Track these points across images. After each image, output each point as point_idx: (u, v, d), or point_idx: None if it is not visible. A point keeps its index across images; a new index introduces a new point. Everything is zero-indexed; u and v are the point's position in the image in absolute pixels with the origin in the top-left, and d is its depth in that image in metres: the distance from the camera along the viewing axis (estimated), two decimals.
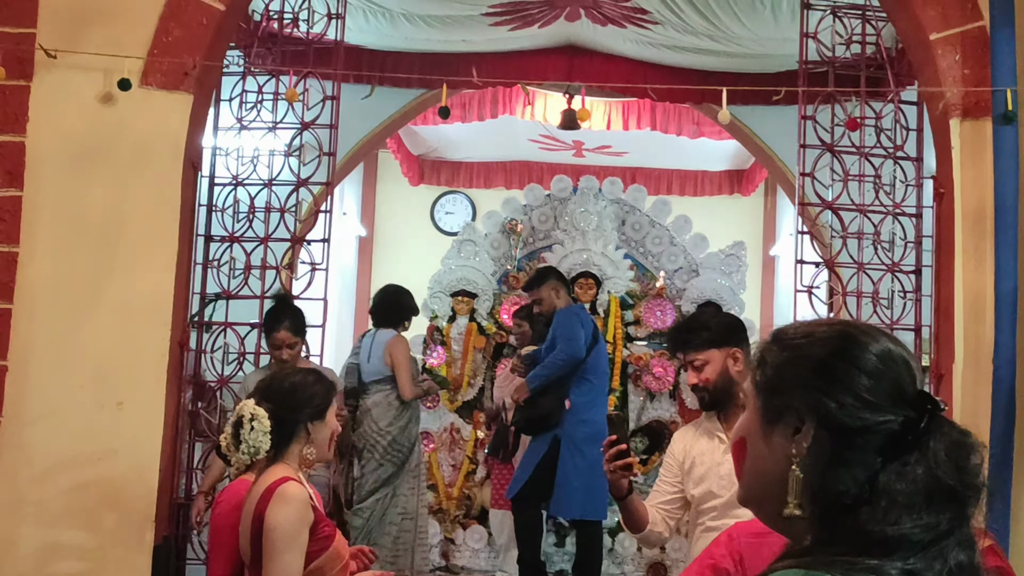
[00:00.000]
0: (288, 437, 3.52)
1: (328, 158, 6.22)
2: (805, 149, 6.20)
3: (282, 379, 3.65)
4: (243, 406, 3.49)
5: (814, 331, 1.54)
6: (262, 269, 6.13)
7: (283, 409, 3.51)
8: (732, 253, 10.25)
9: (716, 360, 3.87)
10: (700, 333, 3.91)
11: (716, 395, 3.88)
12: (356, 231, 14.37)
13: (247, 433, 3.44)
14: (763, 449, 1.52)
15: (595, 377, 7.29)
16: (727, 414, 3.91)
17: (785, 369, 1.52)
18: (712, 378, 3.86)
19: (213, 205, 6.22)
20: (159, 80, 5.69)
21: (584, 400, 7.18)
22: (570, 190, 10.51)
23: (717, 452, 3.88)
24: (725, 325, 4.02)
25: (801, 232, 6.36)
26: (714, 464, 3.87)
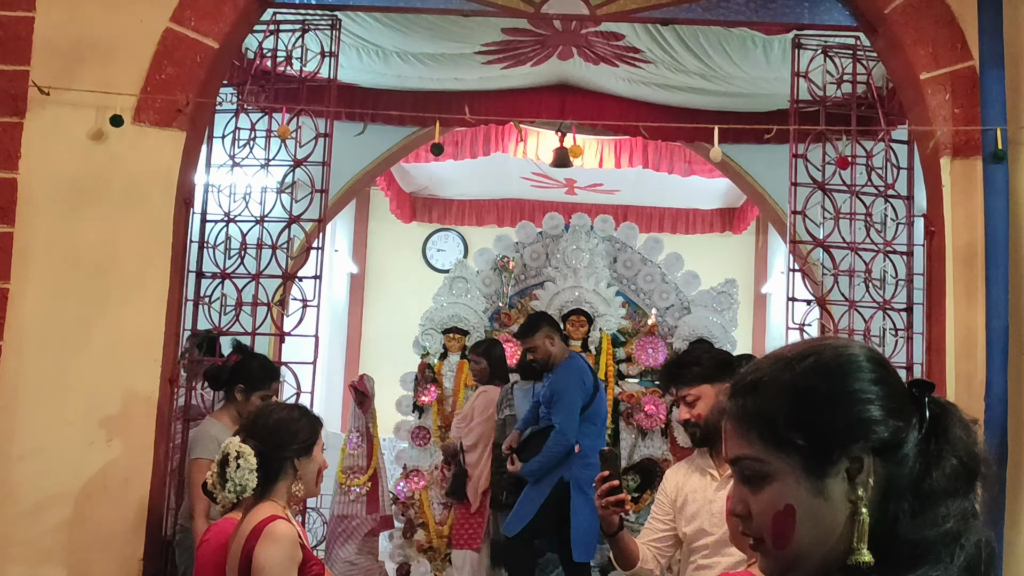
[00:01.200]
0: (275, 474, 3.50)
1: (320, 195, 6.23)
2: (796, 187, 6.23)
3: (267, 415, 3.63)
4: (228, 444, 3.47)
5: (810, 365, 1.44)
6: (253, 305, 6.12)
7: (269, 446, 3.49)
8: (724, 291, 10.27)
9: (708, 396, 3.87)
10: (692, 368, 3.92)
11: (708, 431, 3.87)
12: (348, 268, 14.37)
13: (233, 471, 3.42)
14: (820, 507, 1.40)
15: (599, 420, 7.32)
16: (718, 450, 3.89)
17: (816, 411, 1.41)
18: (704, 413, 3.86)
19: (205, 241, 6.22)
20: (152, 117, 5.70)
21: (590, 444, 7.19)
22: (562, 227, 10.53)
23: (709, 489, 3.87)
24: (717, 361, 4.02)
25: (792, 270, 6.37)
26: (706, 501, 3.86)
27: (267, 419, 3.59)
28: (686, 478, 4.00)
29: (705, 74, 8.46)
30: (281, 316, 6.43)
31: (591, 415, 7.26)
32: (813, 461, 1.39)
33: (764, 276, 14.30)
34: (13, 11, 5.73)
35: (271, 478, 3.49)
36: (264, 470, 3.46)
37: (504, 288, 10.34)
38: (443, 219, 14.76)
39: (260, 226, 6.21)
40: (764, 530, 1.44)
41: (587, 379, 7.33)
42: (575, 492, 7.12)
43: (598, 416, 7.32)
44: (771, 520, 1.42)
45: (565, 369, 7.33)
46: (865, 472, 1.37)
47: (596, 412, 7.31)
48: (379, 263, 14.90)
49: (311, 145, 6.25)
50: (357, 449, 8.13)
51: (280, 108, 6.26)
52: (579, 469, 7.12)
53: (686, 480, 3.99)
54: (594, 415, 7.28)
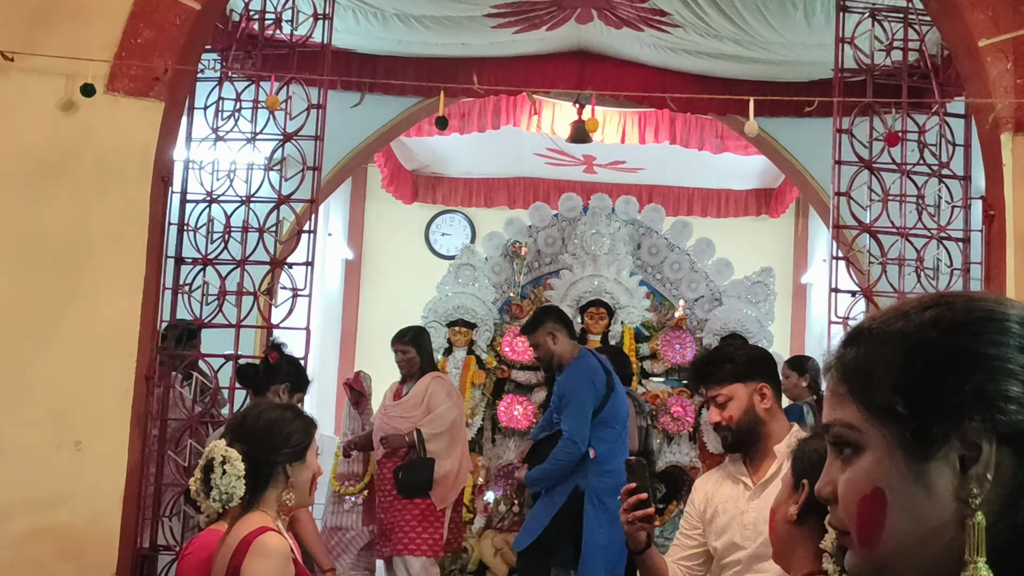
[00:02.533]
0: (265, 481, 3.50)
1: (312, 173, 6.25)
2: (840, 166, 6.23)
3: (256, 416, 3.64)
4: (213, 447, 3.47)
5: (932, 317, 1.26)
6: (238, 295, 6.15)
7: (258, 450, 3.50)
8: (759, 280, 10.27)
9: (740, 396, 3.86)
10: (723, 366, 3.92)
11: (740, 435, 3.87)
12: (342, 254, 14.40)
13: (218, 478, 3.42)
14: (918, 498, 1.22)
15: (617, 423, 7.30)
16: (753, 456, 3.91)
17: (925, 374, 1.22)
18: (736, 416, 3.85)
19: (185, 224, 6.25)
20: (127, 86, 5.73)
21: (606, 448, 7.17)
22: (580, 210, 10.55)
23: (741, 499, 3.87)
24: (751, 357, 4.02)
25: (836, 258, 6.38)
26: (737, 512, 3.86)
27: (256, 420, 3.59)
28: (716, 487, 4.00)
29: (740, 40, 8.46)
30: (269, 307, 6.46)
31: (607, 418, 7.25)
32: (913, 437, 1.22)
33: (804, 264, 14.29)
34: None
35: (260, 485, 3.49)
36: (253, 476, 3.47)
37: (515, 276, 10.36)
38: (448, 200, 14.77)
39: (246, 207, 6.23)
40: (849, 518, 1.28)
41: (598, 378, 7.31)
42: (589, 504, 7.13)
43: (616, 418, 7.31)
44: (857, 505, 1.26)
45: (572, 369, 7.34)
46: (983, 463, 1.18)
47: (613, 414, 7.30)
48: (377, 248, 14.92)
49: (302, 117, 6.27)
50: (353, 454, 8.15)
51: (268, 76, 6.28)
52: (595, 478, 7.13)
53: (716, 489, 3.99)
54: (611, 418, 7.27)
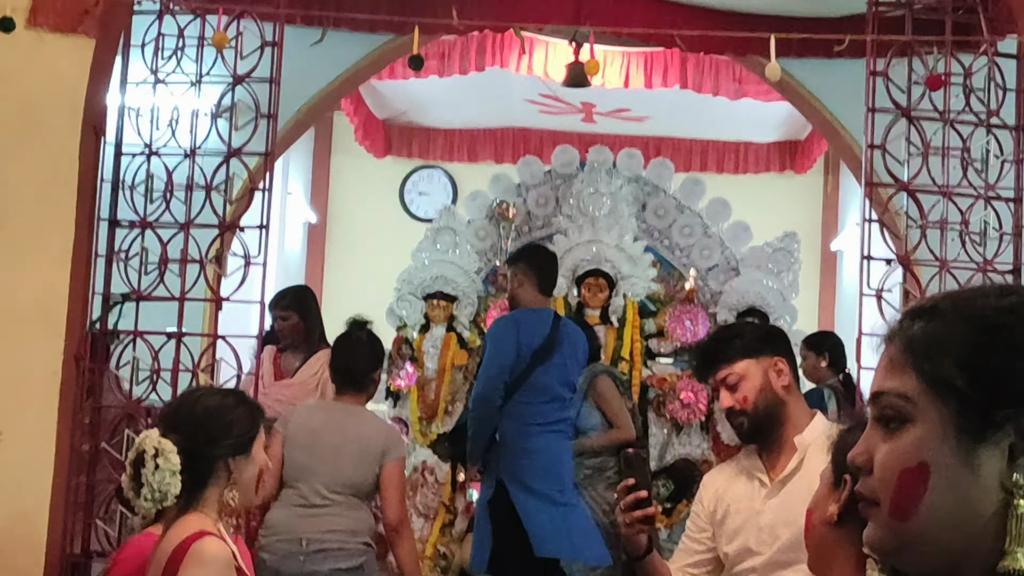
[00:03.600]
0: (203, 478, 3.49)
1: (267, 122, 6.22)
2: (875, 114, 6.22)
3: (193, 402, 3.63)
4: (144, 438, 3.43)
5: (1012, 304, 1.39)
6: (182, 263, 6.12)
7: (196, 442, 3.47)
8: (782, 247, 10.27)
9: (753, 374, 3.84)
10: (731, 341, 3.91)
11: (758, 420, 3.84)
12: (304, 216, 14.38)
13: (150, 473, 3.37)
14: (963, 479, 1.35)
15: (545, 397, 7.19)
16: (770, 447, 3.89)
17: (994, 356, 1.36)
18: (751, 397, 3.82)
19: (120, 181, 6.22)
20: (51, 20, 5.70)
21: (516, 428, 7.16)
22: (576, 164, 10.53)
23: (756, 498, 3.85)
24: (762, 331, 4.08)
25: (869, 220, 6.37)
26: (752, 513, 3.84)
27: (192, 407, 3.59)
28: (728, 484, 3.98)
29: None
30: (218, 277, 6.44)
31: (535, 385, 7.19)
32: (970, 416, 1.34)
33: (834, 228, 14.30)
34: None
35: (199, 483, 3.47)
36: (190, 472, 3.44)
37: (502, 242, 10.35)
38: (425, 154, 14.75)
39: (190, 161, 6.21)
40: (885, 489, 1.41)
41: (526, 332, 7.22)
42: (516, 490, 7.10)
43: (543, 390, 7.22)
44: (897, 477, 1.39)
45: (498, 322, 7.47)
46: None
47: (540, 384, 7.21)
48: (344, 210, 14.90)
49: (255, 57, 6.23)
50: None
51: (215, 9, 6.24)
52: (509, 463, 7.11)
53: (728, 487, 3.97)
54: (537, 388, 7.20)
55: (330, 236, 14.91)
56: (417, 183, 15.24)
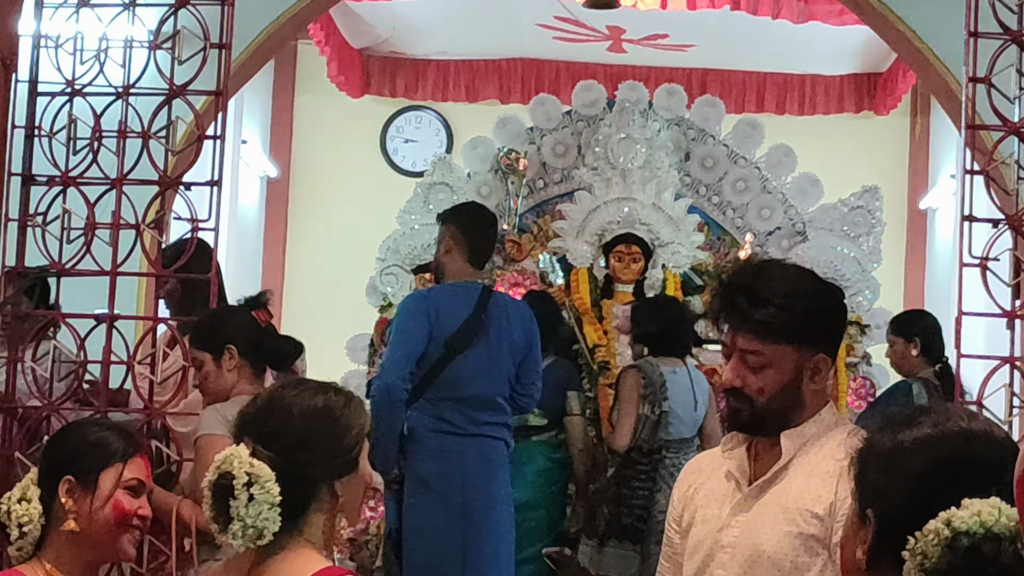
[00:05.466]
0: (304, 502, 3.33)
1: (218, 53, 6.23)
2: (976, 39, 6.22)
3: (287, 405, 3.41)
4: (230, 460, 3.25)
5: None
6: (114, 228, 6.14)
7: (294, 461, 3.29)
8: (860, 205, 10.32)
9: (786, 367, 3.62)
10: (776, 312, 3.62)
11: (763, 416, 3.66)
12: (262, 168, 14.44)
13: (242, 507, 3.20)
14: None
15: (453, 395, 7.21)
16: (762, 448, 3.73)
17: None
18: (769, 390, 3.63)
19: (36, 127, 6.23)
20: None
21: (427, 422, 7.19)
22: (602, 104, 10.57)
23: (726, 505, 3.72)
24: (820, 309, 3.73)
25: (971, 172, 6.39)
26: (717, 525, 3.71)
27: (288, 411, 3.43)
28: (703, 482, 3.85)
29: None
30: (157, 245, 6.46)
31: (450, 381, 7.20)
32: None
33: (925, 182, 14.33)
34: None
35: (299, 508, 3.30)
36: (286, 497, 3.23)
37: (511, 201, 10.39)
38: (413, 91, 14.79)
39: (123, 103, 6.22)
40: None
41: (441, 313, 7.24)
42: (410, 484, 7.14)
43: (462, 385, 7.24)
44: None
45: (412, 294, 7.77)
46: None
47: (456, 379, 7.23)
48: (312, 161, 14.96)
49: None
50: None
51: None
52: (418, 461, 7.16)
53: (702, 485, 3.85)
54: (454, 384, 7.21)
55: (294, 194, 14.96)
56: (402, 128, 15.27)
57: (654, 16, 12.04)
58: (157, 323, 6.34)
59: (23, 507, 3.66)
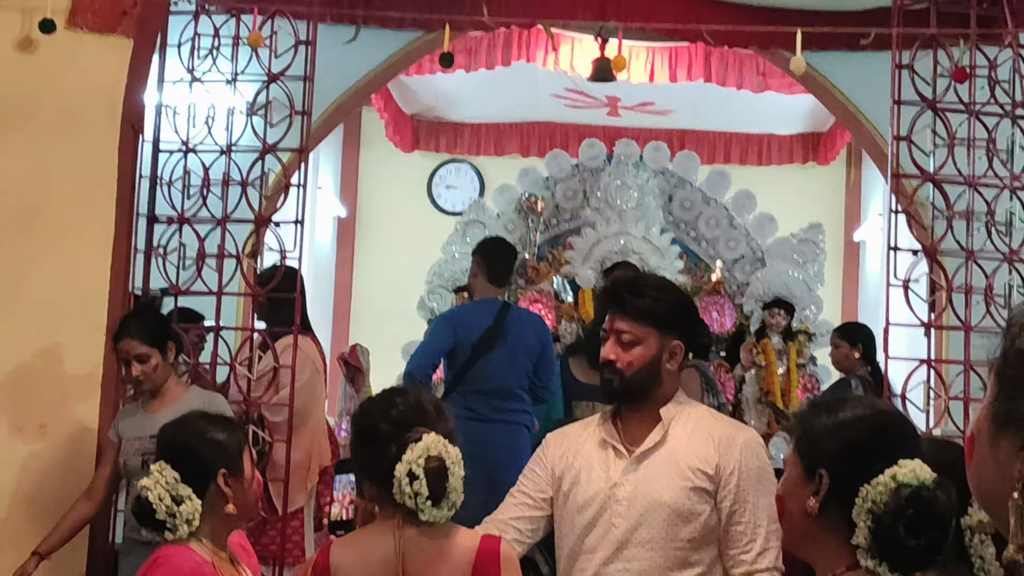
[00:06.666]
0: None
1: (301, 118, 6.22)
2: (900, 106, 6.20)
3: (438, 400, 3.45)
4: (437, 444, 3.24)
5: None
6: (219, 258, 6.14)
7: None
8: (807, 238, 10.28)
9: (651, 345, 3.71)
10: (650, 304, 3.75)
11: (630, 386, 3.72)
12: (334, 210, 14.38)
13: (454, 479, 3.22)
14: (988, 456, 1.44)
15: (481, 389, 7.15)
16: (629, 416, 3.79)
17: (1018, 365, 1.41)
18: (637, 364, 3.71)
19: (158, 177, 6.23)
20: (90, 21, 5.71)
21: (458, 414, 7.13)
22: (603, 158, 10.55)
23: (613, 468, 3.73)
24: (681, 306, 3.87)
25: (894, 211, 6.36)
26: (607, 485, 3.71)
27: (444, 407, 3.50)
28: (578, 449, 3.82)
29: None
30: (254, 271, 6.45)
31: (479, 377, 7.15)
32: (1000, 402, 1.42)
33: (857, 219, 14.25)
34: None
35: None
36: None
37: (531, 235, 10.37)
38: (453, 148, 14.72)
39: (226, 158, 6.21)
40: None
41: (465, 326, 7.24)
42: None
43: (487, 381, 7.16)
44: (966, 440, 1.51)
45: (443, 313, 7.59)
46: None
47: (483, 376, 7.17)
48: (373, 204, 14.89)
49: (289, 56, 6.23)
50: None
51: (250, 9, 6.25)
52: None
53: (578, 451, 3.81)
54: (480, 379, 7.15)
55: (359, 230, 14.89)
56: (444, 177, 15.19)
57: (643, 88, 11.98)
58: (253, 333, 6.34)
59: (189, 505, 3.61)
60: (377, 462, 3.23)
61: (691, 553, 3.65)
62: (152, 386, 5.38)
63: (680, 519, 3.63)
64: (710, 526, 3.66)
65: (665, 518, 3.63)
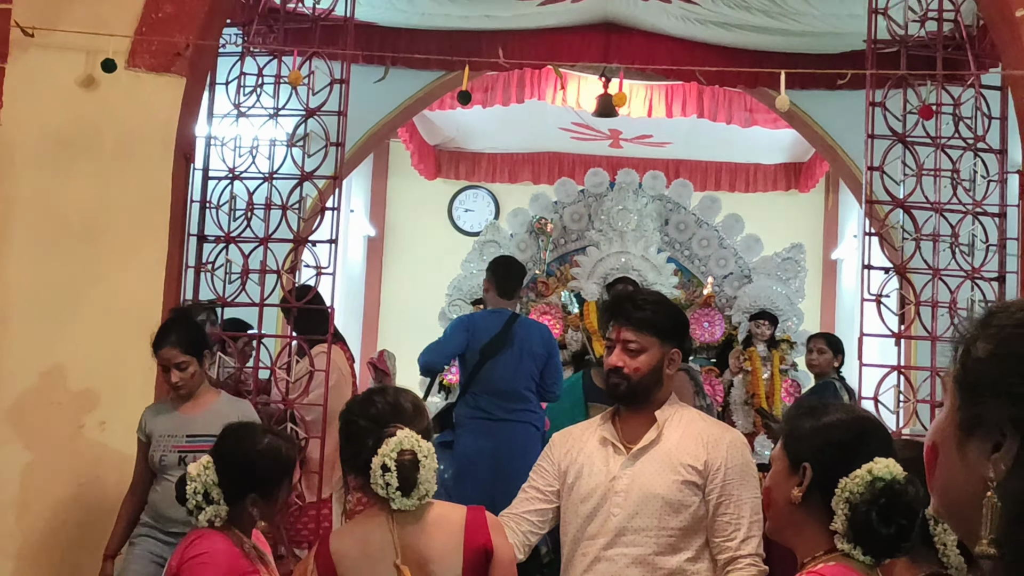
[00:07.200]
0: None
1: (335, 149, 6.24)
2: (873, 140, 6.19)
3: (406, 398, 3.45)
4: (408, 440, 3.25)
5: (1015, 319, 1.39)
6: (261, 273, 6.15)
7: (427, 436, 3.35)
8: (789, 257, 10.27)
9: (655, 353, 3.78)
10: (653, 317, 3.83)
11: (636, 390, 3.79)
12: (364, 231, 14.40)
13: (425, 471, 3.22)
14: (955, 462, 1.41)
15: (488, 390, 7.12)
16: (629, 417, 3.85)
17: (990, 367, 1.37)
18: (643, 370, 3.77)
19: (207, 201, 6.25)
20: (147, 62, 5.73)
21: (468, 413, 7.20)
22: (606, 185, 10.56)
23: (612, 463, 3.78)
24: (677, 317, 3.97)
25: (868, 233, 6.35)
26: (607, 478, 3.76)
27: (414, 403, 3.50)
28: (580, 447, 3.87)
29: (769, 11, 8.40)
30: (292, 284, 6.46)
31: (486, 379, 7.13)
32: (966, 410, 1.38)
33: (835, 240, 14.23)
34: None
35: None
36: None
37: (541, 253, 10.38)
38: (471, 175, 14.74)
39: (268, 184, 6.23)
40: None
41: (477, 330, 7.24)
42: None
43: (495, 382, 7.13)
44: (926, 448, 1.48)
45: (459, 316, 7.70)
46: (1003, 453, 1.33)
47: (490, 377, 7.15)
48: (399, 225, 14.91)
49: (325, 92, 6.25)
50: None
51: (290, 51, 6.27)
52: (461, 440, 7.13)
53: (581, 449, 3.87)
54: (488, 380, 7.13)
55: (387, 248, 14.91)
56: (463, 201, 15.21)
57: (642, 122, 11.99)
58: (291, 340, 6.34)
59: (215, 508, 3.69)
60: (357, 455, 3.26)
61: (681, 540, 3.70)
62: (188, 391, 5.30)
63: (672, 509, 3.69)
64: (698, 516, 3.71)
65: (658, 508, 3.69)
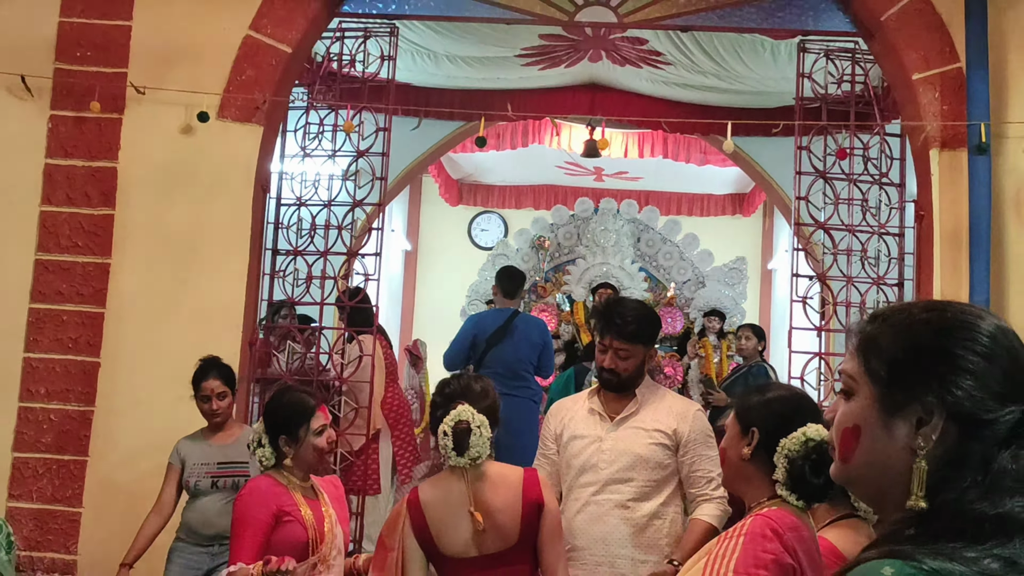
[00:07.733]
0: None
1: (380, 182, 6.24)
2: (800, 176, 6.18)
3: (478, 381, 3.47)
4: (466, 412, 3.26)
5: (926, 319, 1.36)
6: (322, 279, 6.15)
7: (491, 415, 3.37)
8: (735, 267, 10.26)
9: (638, 355, 3.85)
10: (638, 329, 3.85)
11: (623, 382, 3.86)
12: (403, 246, 14.41)
13: (476, 438, 3.24)
14: (882, 439, 1.35)
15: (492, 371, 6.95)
16: (610, 394, 3.91)
17: (907, 356, 1.34)
18: (630, 369, 3.85)
19: (279, 222, 6.25)
20: (234, 113, 5.74)
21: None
22: (591, 211, 10.55)
23: (599, 428, 3.85)
24: (655, 323, 4.00)
25: (796, 249, 6.34)
26: (595, 439, 3.83)
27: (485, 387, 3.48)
28: (572, 414, 3.94)
29: (719, 74, 8.40)
30: (345, 288, 6.46)
31: (490, 362, 7.07)
32: (889, 397, 1.34)
33: (770, 254, 14.21)
34: (113, 20, 5.80)
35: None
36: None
37: (540, 264, 10.38)
38: (486, 202, 14.74)
39: (327, 209, 6.23)
40: (836, 439, 1.43)
41: (482, 326, 7.21)
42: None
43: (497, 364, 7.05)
44: (842, 432, 1.41)
45: (470, 316, 7.64)
46: (931, 428, 1.30)
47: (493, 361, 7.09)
48: (430, 241, 14.91)
49: (372, 138, 6.25)
50: (413, 403, 8.17)
51: (345, 105, 6.27)
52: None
53: (573, 416, 3.93)
54: (492, 363, 7.06)
55: (420, 260, 14.90)
56: (480, 223, 15.19)
57: (620, 161, 11.99)
58: (344, 331, 6.34)
59: (264, 450, 3.75)
60: (437, 422, 3.31)
61: (654, 490, 3.76)
62: (223, 419, 4.87)
63: (648, 466, 3.76)
64: (668, 470, 3.79)
65: (637, 464, 3.76)
